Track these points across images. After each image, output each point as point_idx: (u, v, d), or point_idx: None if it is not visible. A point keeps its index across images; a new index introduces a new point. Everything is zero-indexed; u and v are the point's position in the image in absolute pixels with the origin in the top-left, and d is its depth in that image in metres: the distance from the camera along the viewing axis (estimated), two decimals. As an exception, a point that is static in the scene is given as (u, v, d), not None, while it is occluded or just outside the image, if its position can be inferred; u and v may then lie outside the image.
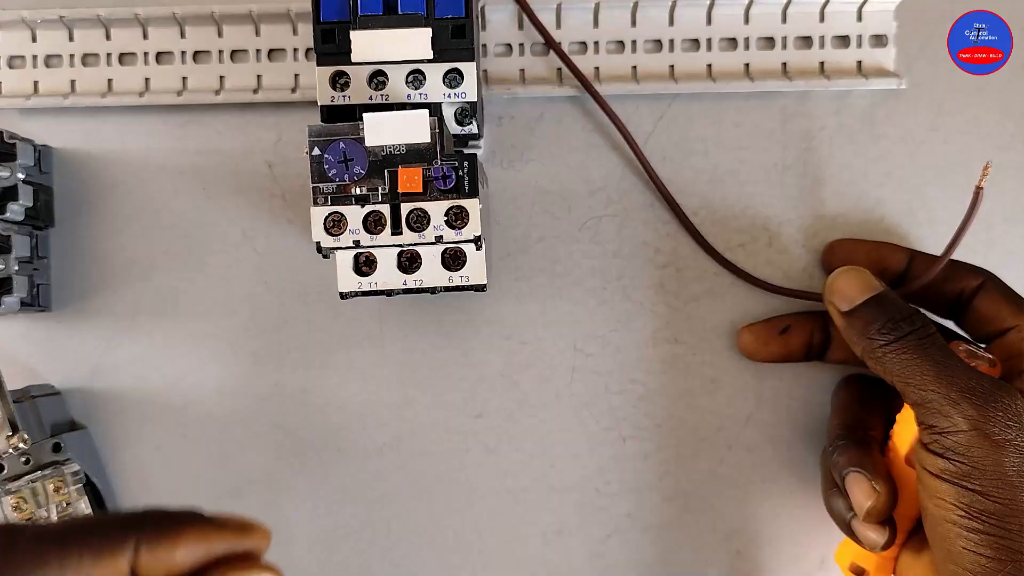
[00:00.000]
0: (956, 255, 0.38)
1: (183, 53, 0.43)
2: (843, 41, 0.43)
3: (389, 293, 0.36)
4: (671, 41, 0.43)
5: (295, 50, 0.43)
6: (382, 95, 0.35)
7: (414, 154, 0.33)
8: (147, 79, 0.43)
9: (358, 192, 0.33)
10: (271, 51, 0.43)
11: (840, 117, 0.44)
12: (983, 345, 0.38)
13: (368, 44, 0.34)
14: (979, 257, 0.43)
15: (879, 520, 0.35)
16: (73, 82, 0.43)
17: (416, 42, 0.34)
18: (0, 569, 0.19)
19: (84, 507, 0.39)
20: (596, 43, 0.43)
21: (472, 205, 0.33)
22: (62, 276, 0.43)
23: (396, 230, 0.34)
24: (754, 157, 0.44)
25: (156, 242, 0.44)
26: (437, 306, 0.43)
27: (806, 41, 0.43)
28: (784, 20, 0.43)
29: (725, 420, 0.43)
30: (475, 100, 0.36)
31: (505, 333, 0.43)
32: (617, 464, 0.43)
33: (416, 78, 0.35)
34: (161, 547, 0.19)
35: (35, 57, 0.43)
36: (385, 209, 0.33)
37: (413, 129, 0.33)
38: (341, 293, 0.36)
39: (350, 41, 0.34)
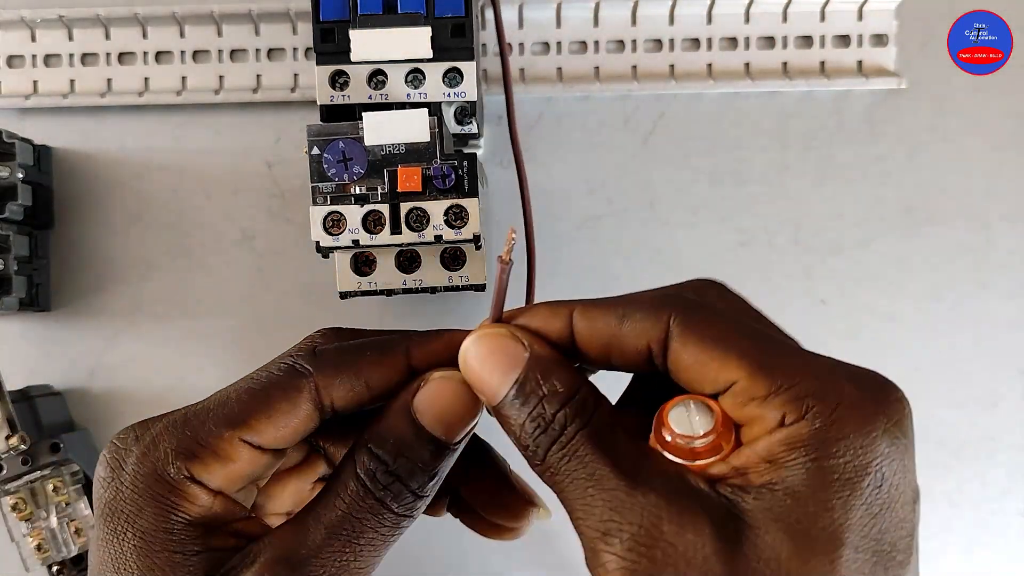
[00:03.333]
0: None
1: (182, 53, 0.43)
2: (843, 41, 0.43)
3: (389, 293, 0.36)
4: (671, 41, 0.43)
5: (295, 49, 0.43)
6: (381, 94, 0.35)
7: (413, 153, 0.33)
8: (146, 79, 0.43)
9: (357, 191, 0.33)
10: (271, 50, 0.43)
11: (840, 117, 0.44)
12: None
13: (367, 43, 0.34)
14: (978, 256, 0.43)
15: None
16: (72, 82, 0.43)
17: (416, 41, 0.34)
18: (321, 370, 0.26)
19: (83, 507, 0.39)
20: (596, 43, 0.43)
21: (472, 204, 0.33)
22: (62, 276, 0.43)
23: (395, 230, 0.33)
24: (754, 157, 0.44)
25: (156, 242, 0.44)
26: (437, 306, 0.43)
27: (806, 41, 0.43)
28: (784, 19, 0.43)
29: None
30: (475, 99, 0.36)
31: (505, 333, 0.43)
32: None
33: (416, 77, 0.35)
34: (425, 344, 0.27)
35: (34, 57, 0.43)
36: (384, 208, 0.33)
37: (412, 128, 0.33)
38: (341, 293, 0.36)
39: (349, 40, 0.34)
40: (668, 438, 0.23)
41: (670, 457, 0.23)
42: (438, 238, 0.33)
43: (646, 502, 0.21)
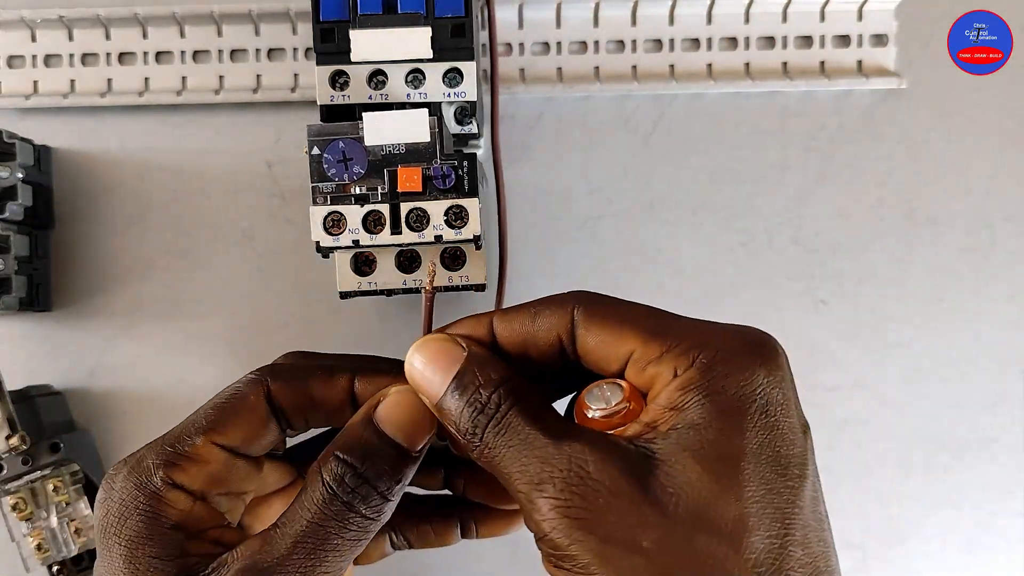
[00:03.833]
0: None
1: (182, 53, 0.43)
2: (843, 41, 0.43)
3: (389, 293, 0.36)
4: (671, 41, 0.43)
5: (295, 49, 0.43)
6: (381, 94, 0.35)
7: (414, 153, 0.33)
8: (146, 79, 0.43)
9: (357, 191, 0.33)
10: (271, 51, 0.43)
11: (840, 117, 0.44)
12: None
13: (368, 43, 0.34)
14: (979, 256, 0.43)
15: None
16: (72, 82, 0.43)
17: (416, 41, 0.34)
18: (274, 379, 0.29)
19: (83, 507, 0.39)
20: (596, 43, 0.43)
21: (472, 204, 0.33)
22: (62, 276, 0.43)
23: (396, 230, 0.33)
24: (754, 157, 0.44)
25: (156, 242, 0.44)
26: (437, 306, 0.43)
27: (806, 41, 0.43)
28: (784, 19, 0.43)
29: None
30: (475, 99, 0.36)
31: (505, 333, 0.43)
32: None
33: (416, 77, 0.35)
34: (369, 375, 0.29)
35: (35, 57, 0.43)
36: (384, 208, 0.33)
37: (413, 128, 0.33)
38: (341, 293, 0.36)
39: (350, 40, 0.34)
40: (588, 414, 0.26)
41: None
42: (438, 238, 0.33)
43: (572, 451, 0.23)
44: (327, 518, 0.26)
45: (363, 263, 0.36)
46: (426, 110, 0.33)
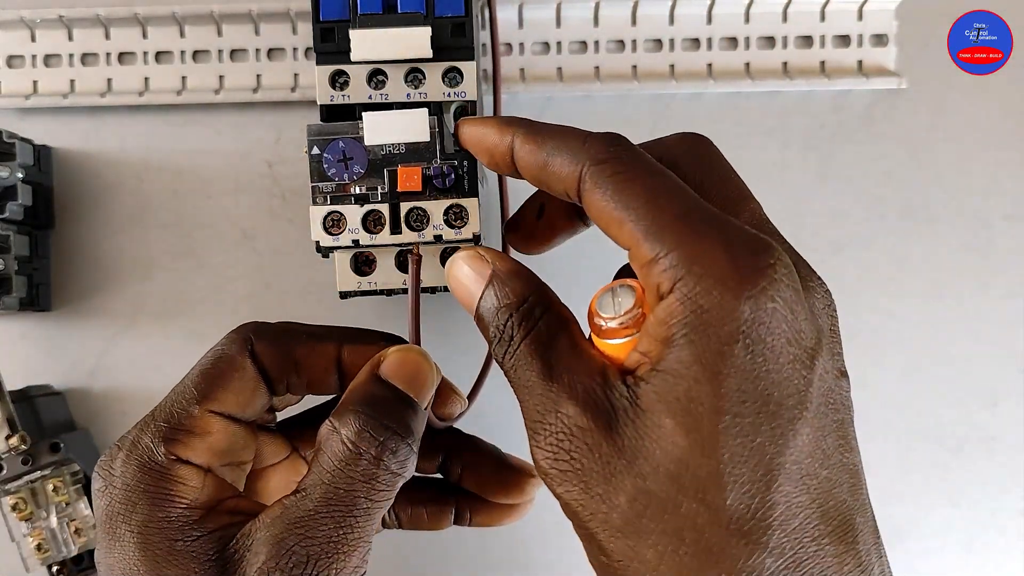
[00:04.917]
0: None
1: (182, 52, 0.43)
2: (844, 40, 0.43)
3: (389, 293, 0.36)
4: (671, 40, 0.43)
5: (295, 49, 0.43)
6: (381, 94, 0.35)
7: (413, 153, 0.33)
8: (147, 79, 0.43)
9: (357, 191, 0.33)
10: (271, 50, 0.43)
11: (840, 117, 0.44)
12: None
13: (367, 43, 0.34)
14: (978, 255, 0.43)
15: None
16: (72, 82, 0.43)
17: (416, 41, 0.34)
18: (259, 339, 0.28)
19: (84, 507, 0.39)
20: (596, 42, 0.43)
21: (471, 204, 0.33)
22: (62, 276, 0.43)
23: (395, 229, 0.33)
24: (754, 157, 0.44)
25: (156, 242, 0.44)
26: (437, 306, 0.43)
27: (807, 40, 0.43)
28: (785, 19, 0.43)
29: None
30: (475, 99, 0.36)
31: (505, 333, 0.43)
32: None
33: (415, 77, 0.35)
34: (356, 348, 0.29)
35: (34, 57, 0.43)
36: (384, 208, 0.33)
37: (412, 128, 0.33)
38: (341, 293, 0.36)
39: (349, 40, 0.34)
40: (601, 324, 0.24)
41: (609, 342, 0.24)
42: (438, 238, 0.33)
43: (557, 402, 0.23)
44: (353, 479, 0.25)
45: (363, 263, 0.36)
46: (426, 110, 0.33)
